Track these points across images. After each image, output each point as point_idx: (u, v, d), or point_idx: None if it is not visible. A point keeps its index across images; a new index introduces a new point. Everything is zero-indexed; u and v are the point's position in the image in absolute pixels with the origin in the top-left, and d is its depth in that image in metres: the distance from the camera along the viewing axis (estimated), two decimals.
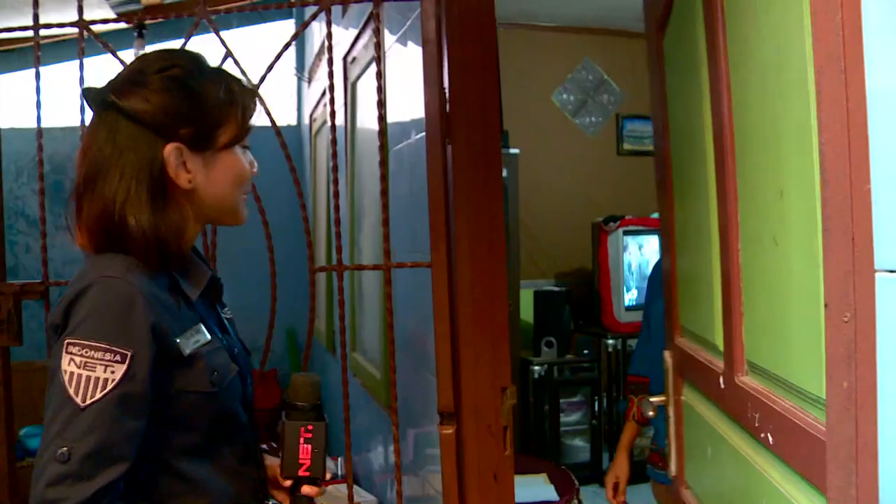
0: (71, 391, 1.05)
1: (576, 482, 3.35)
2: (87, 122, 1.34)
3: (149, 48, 4.36)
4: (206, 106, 1.20)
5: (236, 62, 1.96)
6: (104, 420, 1.05)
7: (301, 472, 1.26)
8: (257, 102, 1.31)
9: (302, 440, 1.25)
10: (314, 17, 1.99)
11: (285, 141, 2.03)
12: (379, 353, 2.72)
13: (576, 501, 3.22)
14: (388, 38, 2.59)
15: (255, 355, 1.56)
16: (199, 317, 1.24)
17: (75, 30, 2.01)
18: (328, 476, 1.31)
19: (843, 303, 0.71)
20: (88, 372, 1.05)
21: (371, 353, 3.03)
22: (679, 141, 1.69)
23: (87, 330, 1.07)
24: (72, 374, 1.06)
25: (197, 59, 1.25)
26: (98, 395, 1.05)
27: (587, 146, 5.62)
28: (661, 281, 2.10)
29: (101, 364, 1.06)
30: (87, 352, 1.06)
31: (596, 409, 4.92)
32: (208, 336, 1.22)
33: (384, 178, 1.93)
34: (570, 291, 5.04)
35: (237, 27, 4.74)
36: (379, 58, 1.94)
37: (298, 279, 2.53)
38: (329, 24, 1.98)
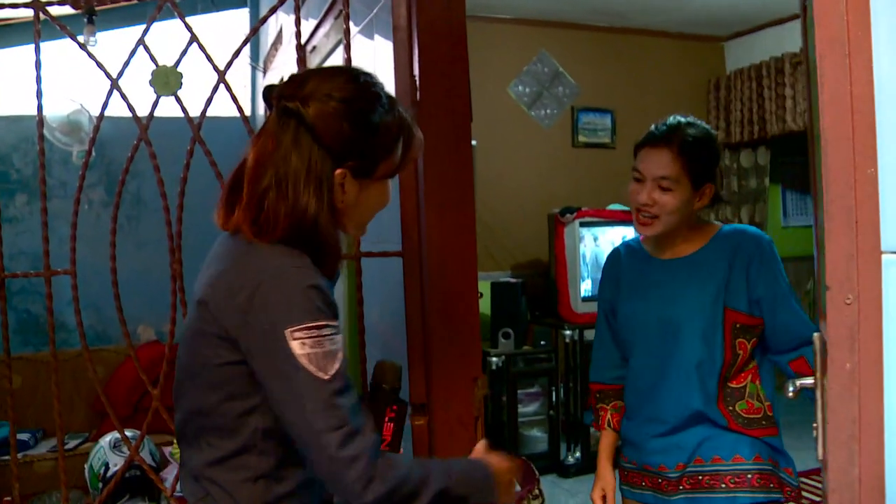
0: (313, 369, 1.18)
1: (536, 472, 3.36)
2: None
3: (99, 35, 4.26)
4: (378, 141, 1.31)
5: (202, 47, 1.92)
6: (348, 383, 1.21)
7: (383, 448, 1.36)
8: (421, 140, 1.41)
9: (387, 419, 1.42)
10: (282, 2, 1.95)
11: (239, 133, 1.98)
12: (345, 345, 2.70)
13: (537, 491, 3.24)
14: (352, 29, 2.55)
15: None
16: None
17: (27, 12, 1.95)
18: (400, 453, 1.47)
19: (845, 285, 0.72)
20: (320, 349, 1.19)
21: None
22: None
23: (303, 312, 1.20)
24: (308, 355, 1.18)
25: (379, 94, 1.33)
26: (337, 365, 1.20)
27: (543, 138, 5.65)
28: (629, 280, 2.03)
29: (326, 339, 1.20)
30: (312, 332, 1.19)
31: (553, 399, 4.95)
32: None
33: None
34: (527, 283, 5.06)
35: (189, 15, 4.66)
36: (348, 44, 1.92)
37: None
38: (297, 10, 1.95)
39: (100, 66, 1.95)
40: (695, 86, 6.06)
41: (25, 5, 1.94)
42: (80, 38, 2.14)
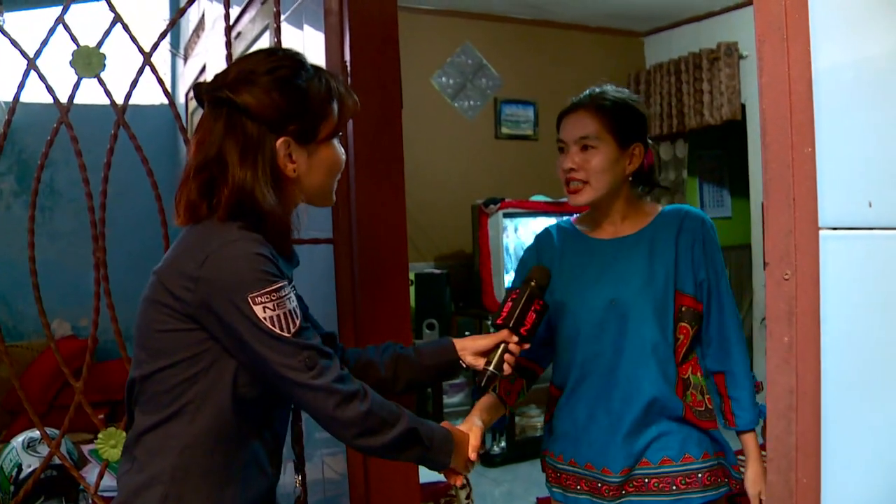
0: (277, 329, 1.25)
1: None
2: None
3: (7, 16, 4.08)
4: (310, 103, 1.35)
5: (126, 27, 1.86)
6: (308, 333, 1.30)
7: (522, 331, 1.55)
8: (355, 98, 1.44)
9: (532, 310, 1.56)
10: None
11: (162, 121, 1.94)
12: None
13: (464, 480, 3.27)
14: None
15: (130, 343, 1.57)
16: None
17: None
18: (526, 346, 1.60)
19: (783, 261, 0.74)
20: (281, 310, 1.25)
21: None
22: None
23: (258, 279, 1.25)
24: (271, 317, 1.24)
25: (300, 60, 1.38)
26: (298, 321, 1.27)
27: (466, 130, 5.67)
28: (562, 263, 1.90)
29: (286, 298, 1.26)
30: (271, 296, 1.24)
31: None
32: None
33: None
34: (451, 274, 5.08)
35: None
36: (278, 27, 1.89)
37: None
38: None
39: (15, 44, 1.86)
40: (615, 79, 6.04)
41: None
42: None
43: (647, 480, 1.78)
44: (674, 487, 1.77)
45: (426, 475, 3.05)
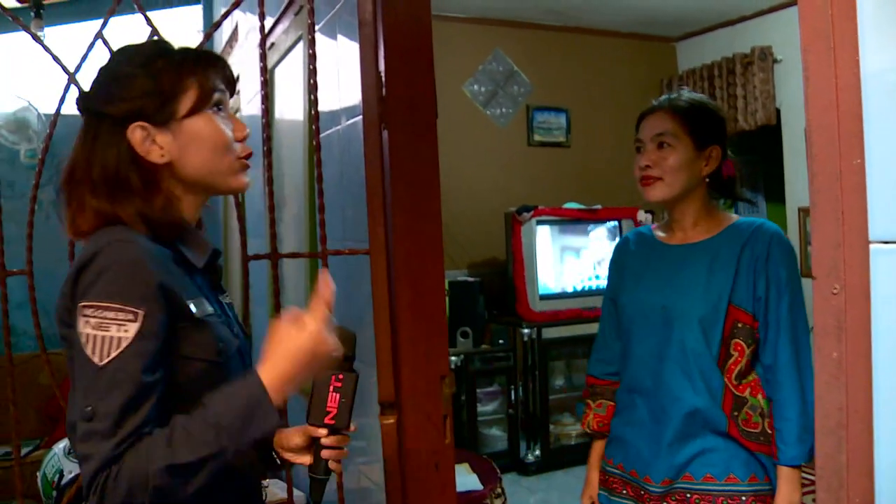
0: (88, 352, 1.10)
1: (497, 470, 3.38)
2: None
3: (48, 30, 4.16)
4: (152, 83, 1.25)
5: (162, 40, 1.88)
6: (122, 377, 1.09)
7: (327, 420, 1.27)
8: (225, 67, 1.34)
9: (331, 388, 1.26)
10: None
11: None
12: None
13: (499, 489, 3.25)
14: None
15: None
16: (200, 291, 1.27)
17: None
18: (353, 428, 1.32)
19: (831, 275, 0.73)
20: (103, 332, 1.10)
21: None
22: None
23: (99, 292, 1.12)
24: (88, 335, 1.11)
25: (124, 49, 1.33)
26: (114, 354, 1.09)
27: (498, 137, 5.68)
28: (634, 267, 1.95)
29: (114, 323, 1.10)
30: (100, 312, 1.11)
31: (512, 397, 4.98)
32: (211, 308, 1.26)
33: (319, 163, 1.89)
34: (484, 282, 5.08)
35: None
36: (312, 40, 1.90)
37: None
38: (262, 4, 1.92)
39: (56, 60, 1.89)
40: (648, 85, 6.14)
41: None
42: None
43: (688, 496, 1.75)
44: None
45: (462, 484, 3.05)
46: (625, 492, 1.89)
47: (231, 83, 1.35)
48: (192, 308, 1.20)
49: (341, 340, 1.26)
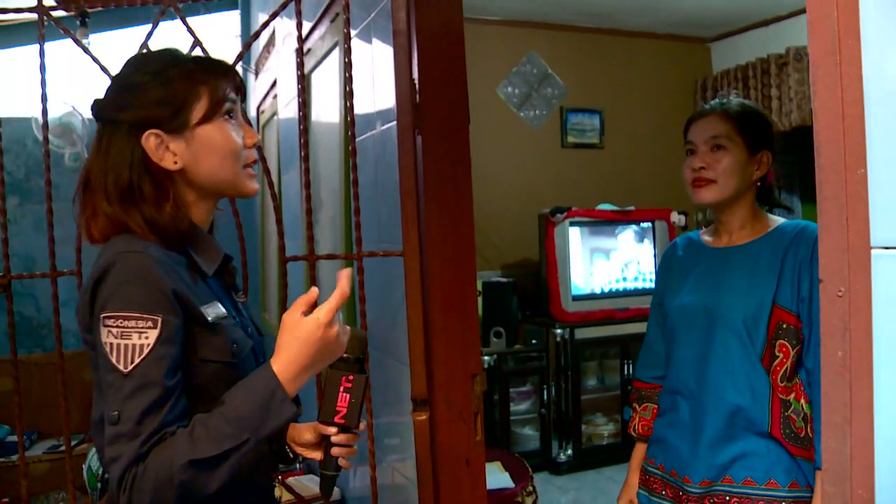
0: (113, 360, 1.16)
1: (529, 469, 3.42)
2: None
3: (92, 37, 4.28)
4: (164, 92, 1.29)
5: (204, 51, 1.95)
6: (146, 382, 1.15)
7: (337, 419, 1.31)
8: (235, 76, 1.37)
9: (342, 389, 1.31)
10: (283, 7, 1.99)
11: None
12: None
13: (530, 487, 3.30)
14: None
15: None
16: (214, 294, 1.33)
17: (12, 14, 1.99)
18: (362, 427, 1.37)
19: (836, 278, 0.77)
20: (126, 341, 1.16)
21: None
22: None
23: (118, 302, 1.17)
24: (111, 344, 1.16)
25: (139, 56, 1.37)
26: (137, 360, 1.15)
27: (532, 139, 5.71)
28: (680, 271, 1.98)
29: (135, 331, 1.16)
30: (121, 322, 1.16)
31: (545, 397, 5.01)
32: (224, 311, 1.31)
33: (355, 167, 1.95)
34: (518, 282, 5.12)
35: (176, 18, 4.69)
36: (348, 48, 1.96)
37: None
38: (299, 14, 1.99)
39: (104, 69, 1.98)
40: (682, 86, 6.14)
41: (30, 10, 1.97)
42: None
43: (727, 498, 1.75)
44: None
45: (494, 482, 3.09)
46: (664, 493, 1.91)
47: (241, 91, 1.40)
48: (206, 313, 1.26)
49: (353, 342, 1.31)
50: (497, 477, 3.25)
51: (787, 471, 1.72)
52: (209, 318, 1.26)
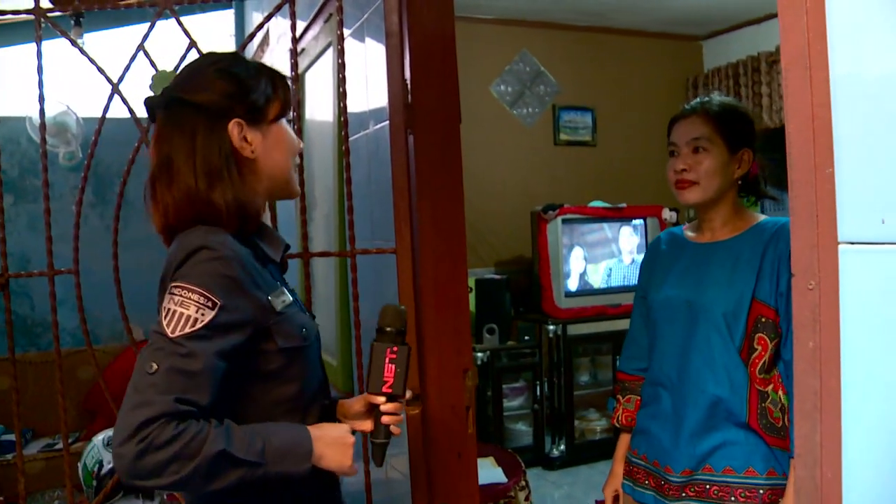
0: (164, 323, 1.21)
1: (522, 464, 3.46)
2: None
3: (87, 36, 4.30)
4: (253, 86, 1.39)
5: (199, 51, 1.98)
6: (187, 351, 1.19)
7: (385, 389, 1.41)
8: (293, 89, 1.52)
9: (387, 360, 1.40)
10: (278, 8, 2.02)
11: None
12: (334, 340, 2.77)
13: (523, 482, 3.33)
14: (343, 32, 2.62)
15: None
16: (278, 282, 1.41)
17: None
18: (409, 395, 1.47)
19: (808, 272, 0.81)
20: (183, 309, 1.21)
21: (324, 340, 3.06)
22: None
23: (192, 277, 1.23)
24: (168, 309, 1.22)
25: (235, 54, 1.48)
26: (187, 330, 1.20)
27: (525, 137, 5.74)
28: (663, 265, 2.02)
29: (194, 305, 1.21)
30: (185, 293, 1.22)
31: (538, 393, 5.05)
32: (290, 298, 1.39)
33: (348, 166, 1.98)
34: (510, 279, 5.15)
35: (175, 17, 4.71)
36: (342, 49, 1.99)
37: None
38: (293, 17, 2.02)
39: (101, 71, 2.01)
40: (673, 84, 6.17)
41: (28, 12, 2.00)
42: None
43: (708, 487, 1.80)
44: (733, 498, 1.77)
45: (487, 477, 3.12)
46: (647, 482, 1.95)
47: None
48: (275, 304, 1.33)
49: (395, 316, 1.43)
50: (490, 472, 3.28)
51: (765, 459, 1.77)
52: (277, 309, 1.33)
